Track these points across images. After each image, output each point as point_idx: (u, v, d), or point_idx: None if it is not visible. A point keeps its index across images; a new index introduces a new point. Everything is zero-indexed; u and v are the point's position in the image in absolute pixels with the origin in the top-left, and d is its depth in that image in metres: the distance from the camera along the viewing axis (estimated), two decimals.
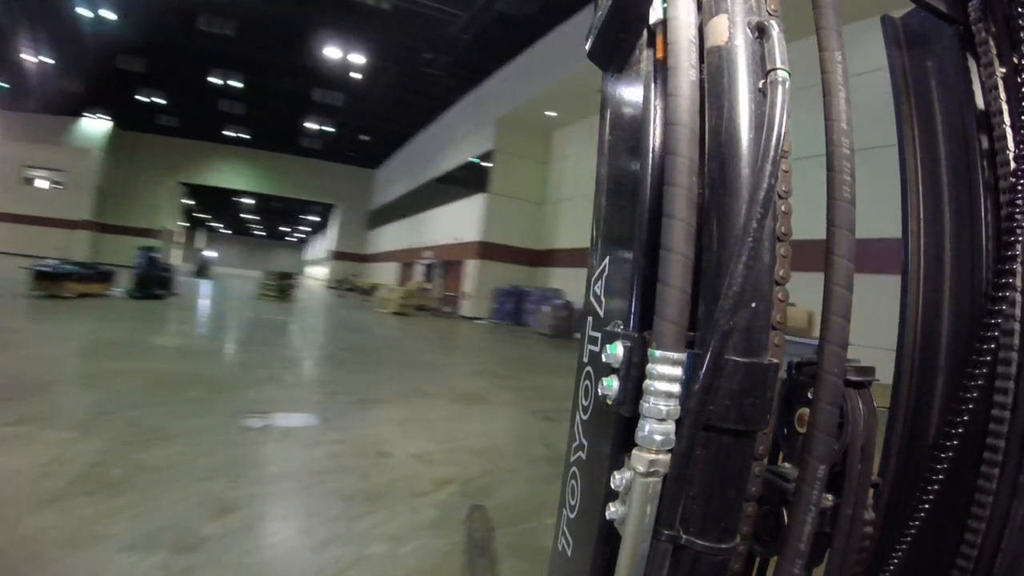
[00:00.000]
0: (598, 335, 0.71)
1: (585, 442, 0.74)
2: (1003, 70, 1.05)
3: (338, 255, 35.86)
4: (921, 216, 1.11)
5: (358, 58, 16.94)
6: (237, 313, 12.10)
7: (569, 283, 15.51)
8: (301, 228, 54.27)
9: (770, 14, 0.76)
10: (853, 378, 0.86)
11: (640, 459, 0.53)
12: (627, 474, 0.57)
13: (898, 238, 1.13)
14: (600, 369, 0.65)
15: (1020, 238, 0.93)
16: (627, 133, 0.76)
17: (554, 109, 15.78)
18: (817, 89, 0.73)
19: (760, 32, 0.67)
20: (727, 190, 0.60)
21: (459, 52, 16.04)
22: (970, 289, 1.02)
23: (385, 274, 27.82)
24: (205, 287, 19.18)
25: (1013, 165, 1.00)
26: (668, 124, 0.63)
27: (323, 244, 43.35)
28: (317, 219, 44.65)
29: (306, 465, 2.96)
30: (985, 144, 1.06)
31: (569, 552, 0.77)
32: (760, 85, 0.65)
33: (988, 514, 0.95)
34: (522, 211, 17.55)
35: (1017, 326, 0.97)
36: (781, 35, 0.66)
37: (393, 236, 28.19)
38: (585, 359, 0.75)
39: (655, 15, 0.74)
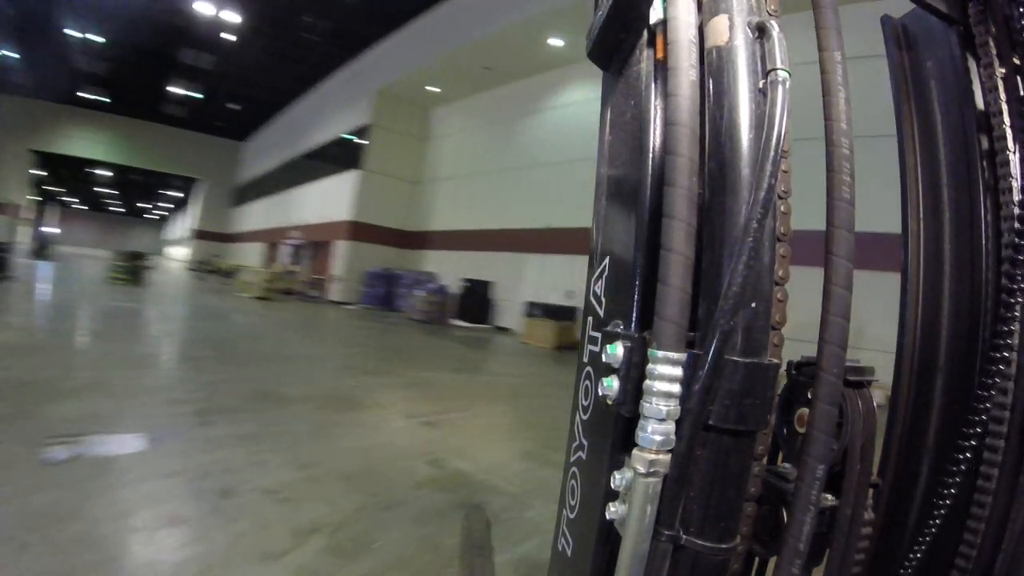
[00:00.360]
0: (598, 335, 0.71)
1: (585, 442, 0.74)
2: (1003, 70, 1.05)
3: (200, 234, 32.77)
4: (921, 216, 1.11)
5: (232, 16, 15.26)
6: (77, 300, 10.46)
7: (444, 266, 14.92)
8: (162, 205, 49.33)
9: (770, 14, 0.76)
10: (852, 378, 0.87)
11: (640, 459, 0.53)
12: (627, 474, 0.57)
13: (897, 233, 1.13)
14: (600, 369, 0.65)
15: (1020, 239, 0.93)
16: (627, 133, 0.76)
17: (437, 85, 15.06)
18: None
19: (760, 32, 0.67)
20: (727, 190, 0.60)
21: (341, 17, 14.84)
22: (970, 289, 1.02)
23: (251, 255, 25.49)
24: (47, 270, 16.67)
25: (1013, 165, 1.00)
26: (668, 124, 0.63)
27: (186, 222, 39.38)
28: (180, 195, 40.45)
29: (114, 521, 2.04)
30: (985, 144, 1.06)
31: (569, 552, 0.77)
32: (760, 85, 0.65)
33: (987, 514, 0.95)
34: (397, 190, 16.70)
35: (1017, 326, 0.97)
36: (781, 35, 0.66)
37: (259, 214, 26.00)
38: (585, 359, 0.75)
39: (655, 15, 0.73)
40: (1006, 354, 0.94)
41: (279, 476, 2.71)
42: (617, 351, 0.59)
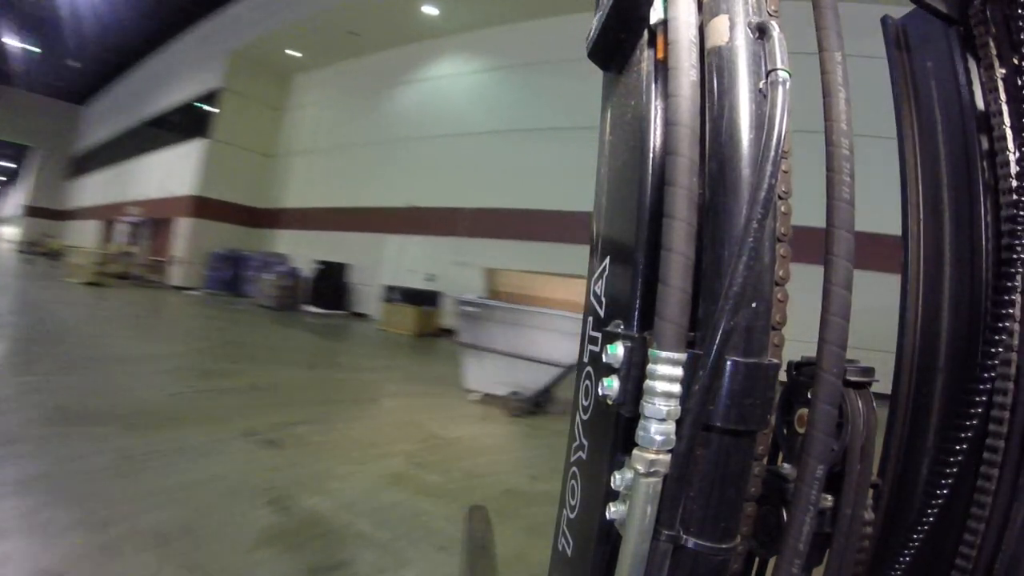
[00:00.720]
0: (598, 335, 0.71)
1: (585, 442, 0.74)
2: (1003, 71, 1.05)
3: (33, 211, 28.30)
4: (921, 216, 1.11)
5: None
6: None
7: (298, 247, 13.68)
8: None
9: (771, 15, 0.76)
10: (853, 378, 0.87)
11: (641, 459, 0.53)
12: (628, 474, 0.57)
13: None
14: (600, 369, 0.65)
15: (1021, 239, 0.93)
16: (627, 133, 0.76)
17: (298, 49, 13.88)
18: None
19: (761, 32, 0.67)
20: (728, 190, 0.60)
21: None
22: (970, 289, 1.02)
23: (87, 235, 22.35)
24: None
25: (1013, 166, 1.00)
26: (669, 124, 0.63)
27: (17, 198, 33.71)
28: (12, 165, 34.45)
29: None
30: (985, 145, 1.06)
31: (569, 552, 0.77)
32: (760, 86, 0.65)
33: (988, 514, 0.95)
34: (248, 163, 14.95)
35: (1017, 327, 0.97)
36: (782, 36, 0.66)
37: (97, 188, 22.83)
38: (585, 359, 0.75)
39: (656, 15, 0.74)
40: (1005, 354, 0.94)
41: (60, 550, 1.80)
42: (617, 351, 0.59)
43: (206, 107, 14.89)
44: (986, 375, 0.91)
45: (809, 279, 0.87)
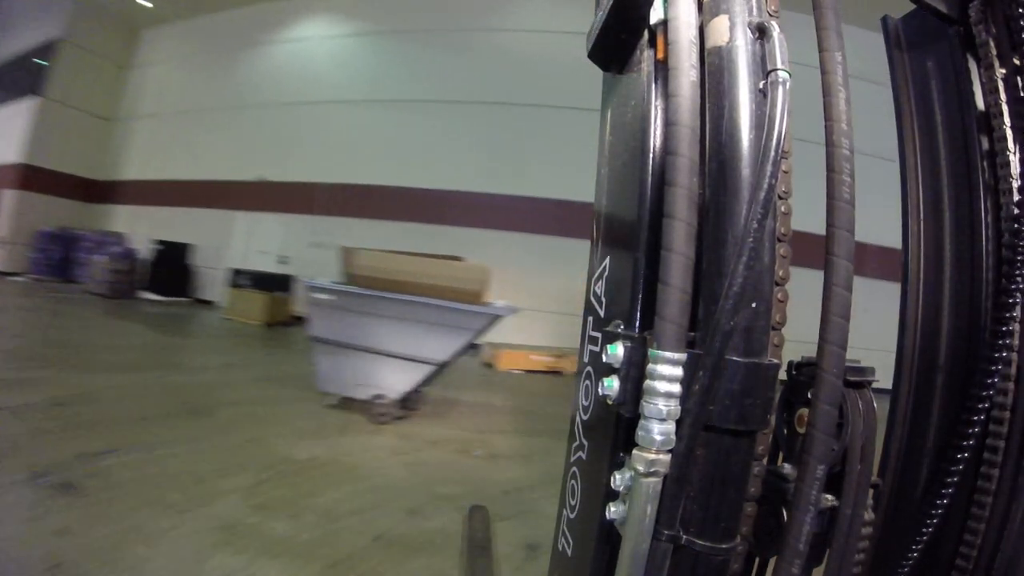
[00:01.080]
0: (598, 335, 0.71)
1: (585, 442, 0.74)
2: (1003, 71, 1.05)
3: None
4: (921, 217, 1.11)
5: None
6: None
7: (138, 225, 11.93)
8: None
9: (771, 15, 0.76)
10: (853, 379, 0.87)
11: (640, 459, 0.53)
12: (627, 474, 0.57)
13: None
14: (600, 369, 0.65)
15: (1021, 240, 0.93)
16: (628, 133, 0.76)
17: None
18: None
19: (761, 33, 0.67)
20: (728, 190, 0.60)
21: None
22: (970, 290, 1.02)
23: None
24: None
25: (1014, 166, 1.00)
26: (669, 124, 0.63)
27: None
28: None
29: None
30: (985, 145, 1.06)
31: (569, 552, 0.77)
32: (760, 86, 0.65)
33: (988, 514, 0.95)
34: (86, 127, 12.79)
35: (1017, 327, 0.97)
36: (782, 36, 0.66)
37: None
38: (585, 359, 0.75)
39: (656, 15, 0.74)
40: (1006, 354, 0.94)
41: None
42: (617, 351, 0.59)
43: (41, 61, 12.29)
44: (987, 376, 0.91)
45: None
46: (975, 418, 0.92)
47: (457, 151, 9.57)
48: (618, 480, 0.57)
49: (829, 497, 0.88)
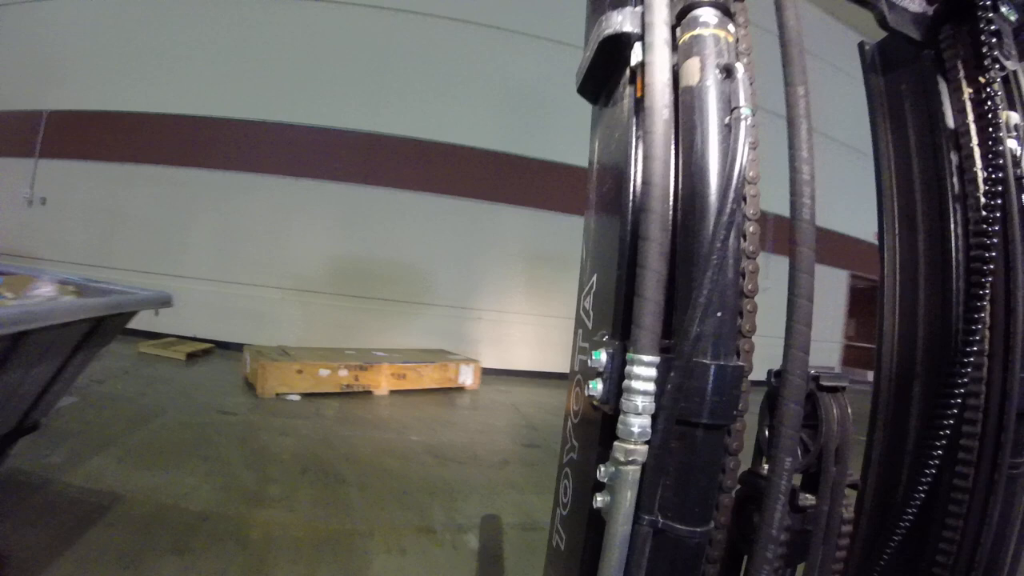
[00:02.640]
0: (587, 345, 0.79)
1: (576, 443, 0.81)
2: (971, 91, 1.13)
3: None
4: (897, 231, 1.18)
5: None
6: None
7: None
8: None
9: (740, 53, 0.85)
10: (827, 384, 0.94)
11: (620, 449, 0.61)
12: (611, 467, 0.64)
13: None
14: (588, 375, 0.72)
15: (989, 252, 1.00)
16: (612, 163, 0.84)
17: None
18: None
19: (727, 73, 0.76)
20: (695, 214, 0.68)
21: None
22: (942, 299, 1.08)
23: None
24: None
25: (981, 184, 1.07)
26: (646, 158, 0.72)
27: None
28: None
29: None
30: (955, 161, 1.14)
31: (562, 546, 0.84)
32: (726, 121, 0.73)
33: (965, 512, 1.01)
34: None
35: (987, 333, 1.03)
36: (745, 76, 0.75)
37: None
38: (576, 368, 0.83)
39: (635, 57, 0.83)
40: (977, 359, 1.01)
41: None
42: (601, 356, 0.67)
43: None
44: (959, 378, 0.98)
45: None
46: (950, 420, 0.98)
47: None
48: (603, 472, 0.65)
49: (809, 497, 0.95)
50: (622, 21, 0.81)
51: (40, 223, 6.82)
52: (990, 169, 1.01)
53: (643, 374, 0.61)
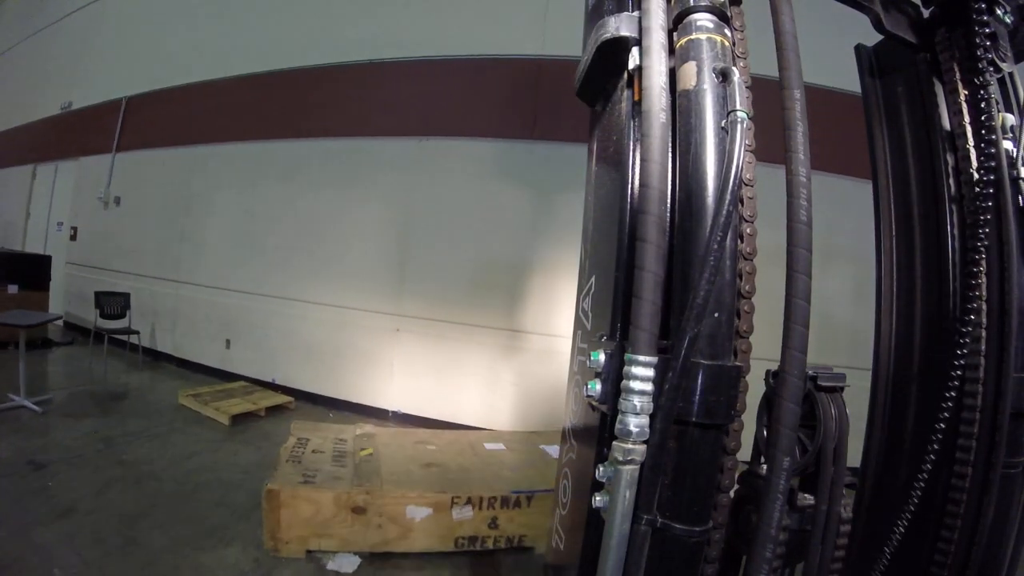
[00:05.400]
0: (585, 346, 0.79)
1: (575, 443, 0.82)
2: (966, 93, 1.14)
3: None
4: (893, 232, 1.19)
5: None
6: None
7: None
8: None
9: (736, 57, 0.86)
10: (825, 384, 0.94)
11: (619, 449, 0.61)
12: (610, 467, 0.65)
13: None
14: (586, 375, 0.73)
15: (984, 252, 1.01)
16: (609, 165, 0.85)
17: None
18: None
19: (723, 77, 0.77)
20: (693, 216, 0.69)
21: None
22: (939, 299, 1.09)
23: None
24: None
25: (976, 183, 1.08)
26: (643, 160, 0.72)
27: None
28: None
29: None
30: (951, 163, 1.14)
31: (562, 546, 0.84)
32: (723, 124, 0.74)
33: (962, 511, 1.01)
34: None
35: (983, 333, 1.04)
36: (741, 80, 0.75)
37: None
38: (575, 369, 0.84)
39: (632, 62, 0.83)
40: (973, 358, 1.01)
41: None
42: (599, 357, 0.68)
43: None
44: (956, 379, 0.98)
45: None
46: (948, 420, 0.98)
47: None
48: (601, 472, 0.65)
49: (808, 496, 0.95)
50: (620, 25, 0.82)
51: (114, 227, 5.97)
52: (985, 170, 1.02)
53: (641, 374, 0.62)
